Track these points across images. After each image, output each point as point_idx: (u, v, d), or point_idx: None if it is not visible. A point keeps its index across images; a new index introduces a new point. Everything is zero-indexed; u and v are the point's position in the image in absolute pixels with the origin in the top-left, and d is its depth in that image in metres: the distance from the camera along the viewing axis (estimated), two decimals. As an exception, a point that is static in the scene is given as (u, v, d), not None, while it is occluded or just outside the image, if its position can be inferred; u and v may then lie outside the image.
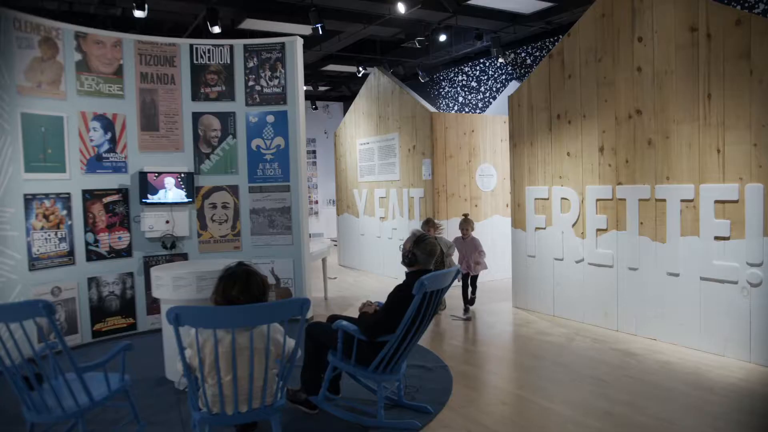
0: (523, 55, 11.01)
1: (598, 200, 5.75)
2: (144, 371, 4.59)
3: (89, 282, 5.71)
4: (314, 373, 3.83)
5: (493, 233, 8.60)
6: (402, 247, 3.80)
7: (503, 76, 11.56)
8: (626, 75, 5.42)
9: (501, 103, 10.97)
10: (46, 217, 5.35)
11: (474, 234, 6.71)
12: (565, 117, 6.08)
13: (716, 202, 4.74)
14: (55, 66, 5.47)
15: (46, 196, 5.37)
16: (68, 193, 5.56)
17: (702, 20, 4.78)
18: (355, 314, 4.04)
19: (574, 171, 6.02)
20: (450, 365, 4.73)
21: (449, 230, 8.18)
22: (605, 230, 5.70)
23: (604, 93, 5.65)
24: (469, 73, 12.49)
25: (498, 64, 11.67)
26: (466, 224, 6.61)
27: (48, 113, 5.39)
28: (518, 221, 6.78)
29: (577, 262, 6.01)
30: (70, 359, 2.86)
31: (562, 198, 6.14)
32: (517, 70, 11.16)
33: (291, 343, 2.91)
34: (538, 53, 10.69)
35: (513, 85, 10.99)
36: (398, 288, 3.61)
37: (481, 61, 12.11)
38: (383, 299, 3.72)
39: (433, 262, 3.77)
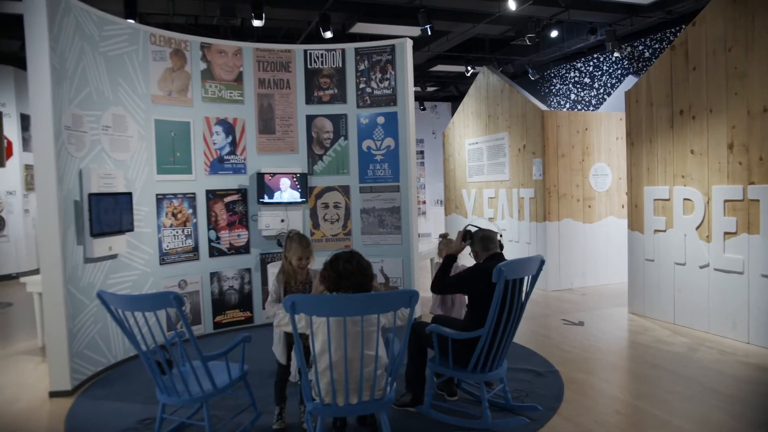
0: (640, 48, 10.45)
1: (726, 201, 5.34)
2: (259, 363, 4.82)
3: (211, 276, 6.09)
4: (419, 370, 3.84)
5: (608, 235, 8.26)
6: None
7: (619, 71, 11.03)
8: (762, 65, 4.99)
9: (616, 99, 10.48)
10: (174, 215, 5.78)
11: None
12: (689, 112, 5.70)
13: None
14: (183, 75, 5.89)
15: (175, 195, 5.79)
16: (193, 193, 5.97)
17: None
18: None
19: (698, 170, 5.63)
20: (561, 371, 4.59)
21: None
22: (734, 234, 5.28)
23: (734, 85, 5.24)
24: (582, 69, 12.03)
25: (613, 59, 11.16)
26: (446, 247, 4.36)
27: (177, 119, 5.82)
28: (635, 223, 6.44)
29: (701, 267, 5.62)
30: (196, 348, 3.08)
31: (685, 199, 5.76)
32: (634, 64, 10.60)
33: (403, 314, 2.96)
34: (657, 45, 10.10)
35: (630, 80, 10.47)
36: (475, 265, 3.75)
37: (595, 56, 11.63)
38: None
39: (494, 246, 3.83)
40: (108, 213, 4.83)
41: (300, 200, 6.36)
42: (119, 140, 5.19)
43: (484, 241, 3.82)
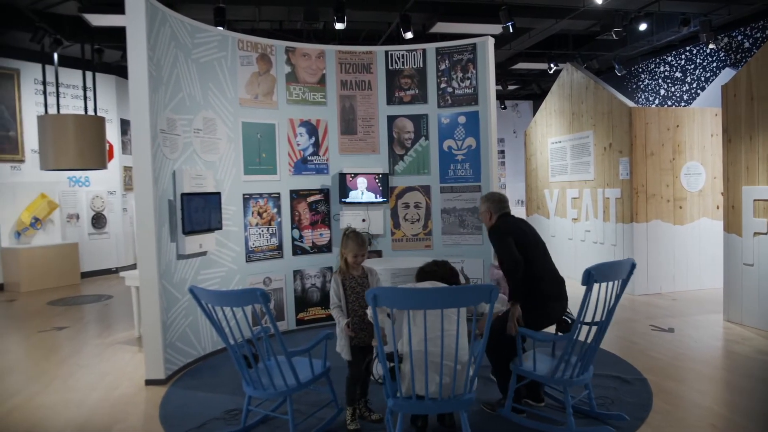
0: (739, 38, 9.84)
1: (837, 202, 4.95)
2: (339, 360, 4.90)
3: (294, 274, 6.26)
4: (507, 373, 3.77)
5: (700, 238, 7.82)
6: None
7: (714, 64, 10.44)
8: None
9: (711, 93, 9.92)
10: (260, 214, 5.98)
11: None
12: (795, 107, 5.32)
13: None
14: (269, 79, 6.09)
15: (260, 195, 6.00)
16: (278, 193, 6.15)
17: None
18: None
19: (805, 168, 5.24)
20: (649, 379, 4.39)
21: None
22: None
23: None
24: (673, 62, 11.47)
25: (707, 51, 10.57)
26: None
27: (263, 121, 6.02)
28: (732, 225, 6.07)
29: (807, 273, 5.23)
30: (281, 344, 3.17)
31: (790, 199, 5.38)
32: (732, 56, 10.00)
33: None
34: (758, 34, 9.47)
35: (726, 73, 9.88)
36: (494, 231, 3.84)
37: (687, 48, 11.06)
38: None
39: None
40: (198, 212, 5.07)
41: (381, 200, 6.42)
42: (209, 142, 5.44)
43: (499, 203, 3.99)
